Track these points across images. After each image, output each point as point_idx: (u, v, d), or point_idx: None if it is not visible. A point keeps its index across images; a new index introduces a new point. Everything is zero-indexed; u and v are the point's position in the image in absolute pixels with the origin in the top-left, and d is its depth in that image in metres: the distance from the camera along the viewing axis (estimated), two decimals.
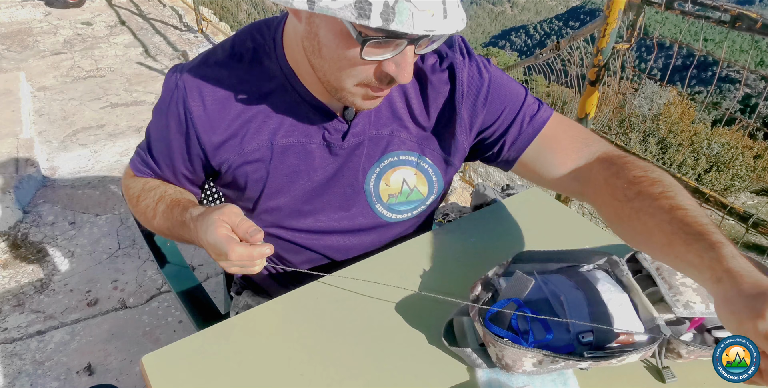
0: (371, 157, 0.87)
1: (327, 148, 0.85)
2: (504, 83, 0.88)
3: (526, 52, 55.31)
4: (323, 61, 0.70)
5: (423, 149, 0.89)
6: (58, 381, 1.70)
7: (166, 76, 0.83)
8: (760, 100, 8.94)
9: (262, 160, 0.84)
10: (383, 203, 0.91)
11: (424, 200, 0.93)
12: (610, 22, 1.65)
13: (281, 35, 0.79)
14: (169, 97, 0.81)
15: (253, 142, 0.83)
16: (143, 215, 0.88)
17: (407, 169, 0.89)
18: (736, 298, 0.54)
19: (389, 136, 0.87)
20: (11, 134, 2.90)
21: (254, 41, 0.81)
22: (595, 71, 1.75)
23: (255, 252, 0.70)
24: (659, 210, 0.67)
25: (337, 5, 0.58)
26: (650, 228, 0.68)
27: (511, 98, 0.87)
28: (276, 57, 0.80)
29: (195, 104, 0.80)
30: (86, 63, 4.03)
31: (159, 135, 0.86)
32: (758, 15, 1.32)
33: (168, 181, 0.92)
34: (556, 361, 0.66)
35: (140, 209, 0.89)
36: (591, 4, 60.74)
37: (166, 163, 0.88)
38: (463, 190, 3.26)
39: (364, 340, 0.76)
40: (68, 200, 2.56)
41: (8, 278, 2.10)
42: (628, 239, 0.74)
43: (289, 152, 0.84)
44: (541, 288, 0.76)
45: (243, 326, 0.78)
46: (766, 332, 0.52)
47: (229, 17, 5.49)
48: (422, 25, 0.59)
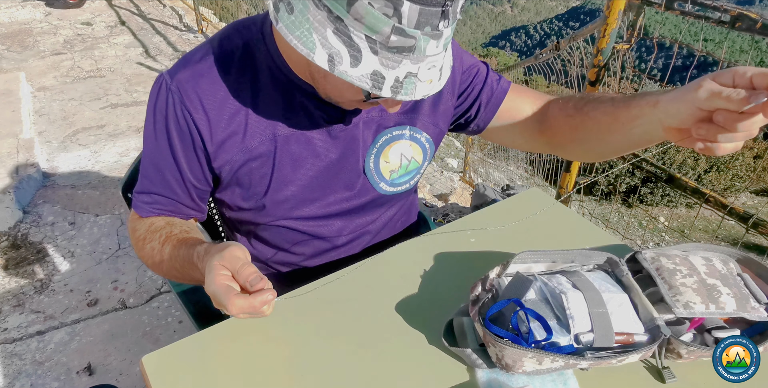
0: (366, 138, 0.89)
1: (327, 133, 0.86)
2: (471, 57, 0.97)
3: (526, 53, 55.30)
4: (326, 82, 0.74)
5: (412, 120, 0.92)
6: (58, 381, 1.70)
7: (153, 87, 0.81)
8: None
9: (267, 153, 0.84)
10: (386, 180, 0.94)
11: (420, 168, 0.98)
12: (610, 23, 1.65)
13: (270, 28, 0.79)
14: (165, 104, 0.80)
15: (256, 137, 0.82)
16: (150, 259, 0.85)
17: (402, 143, 0.92)
18: (675, 92, 0.65)
19: (379, 116, 0.89)
20: (11, 134, 2.90)
21: (242, 37, 0.81)
22: (595, 72, 1.75)
23: (257, 302, 0.65)
24: (601, 102, 0.82)
25: (356, 74, 0.63)
26: (599, 118, 0.82)
27: (478, 63, 0.96)
28: (266, 49, 0.80)
29: (193, 106, 0.79)
30: (86, 63, 4.04)
31: (159, 151, 0.83)
32: (758, 15, 1.32)
33: (179, 202, 0.88)
34: (556, 361, 0.66)
35: (146, 252, 0.85)
36: (591, 4, 60.74)
37: (175, 179, 0.85)
38: (463, 191, 3.26)
39: (364, 340, 0.76)
40: (68, 200, 2.56)
41: (8, 278, 2.10)
42: (591, 147, 0.88)
43: (291, 142, 0.84)
44: (541, 288, 0.76)
45: (243, 326, 0.78)
46: (709, 92, 0.59)
47: (229, 17, 5.49)
48: (422, 92, 0.67)
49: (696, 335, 0.75)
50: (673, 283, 0.75)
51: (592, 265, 0.83)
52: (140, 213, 0.89)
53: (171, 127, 0.81)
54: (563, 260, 0.82)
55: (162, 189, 0.86)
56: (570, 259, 0.82)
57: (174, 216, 0.90)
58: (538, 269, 0.82)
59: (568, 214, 1.05)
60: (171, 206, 0.88)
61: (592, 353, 0.69)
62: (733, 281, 0.77)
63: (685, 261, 0.79)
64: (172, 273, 0.83)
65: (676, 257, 0.80)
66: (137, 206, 0.89)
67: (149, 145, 0.84)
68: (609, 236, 0.97)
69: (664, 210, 8.10)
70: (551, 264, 0.82)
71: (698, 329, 0.75)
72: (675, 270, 0.77)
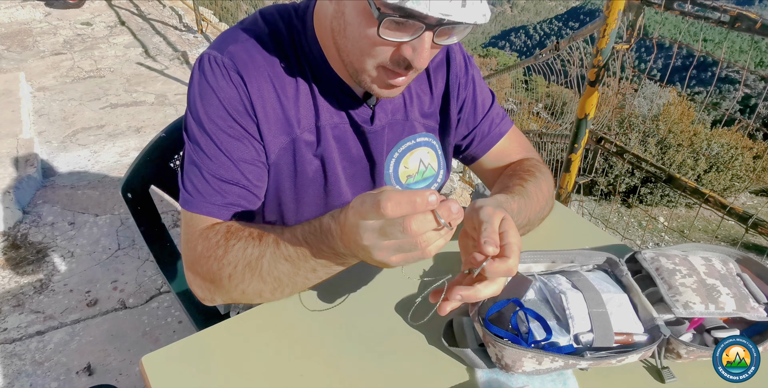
0: (390, 142, 0.89)
1: (358, 132, 0.85)
2: (482, 80, 0.98)
3: (526, 53, 55.33)
4: (347, 40, 0.70)
5: (431, 128, 0.93)
6: (58, 381, 1.70)
7: (197, 67, 0.76)
8: (760, 101, 8.96)
9: (311, 143, 0.82)
10: (402, 184, 0.94)
11: (436, 176, 0.97)
12: (609, 23, 1.65)
13: (311, 18, 0.79)
14: (216, 80, 0.74)
15: (302, 124, 0.80)
16: (243, 261, 0.69)
17: (423, 150, 0.93)
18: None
19: (403, 121, 0.89)
20: (11, 134, 2.90)
21: (285, 21, 0.79)
22: (594, 72, 1.75)
23: (418, 198, 0.51)
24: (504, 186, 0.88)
25: None
26: None
27: (486, 93, 0.97)
28: (306, 38, 0.79)
29: (248, 76, 0.74)
30: (86, 63, 4.03)
31: (222, 131, 0.74)
32: (758, 15, 1.32)
33: (250, 190, 0.78)
34: (556, 361, 0.66)
35: (232, 256, 0.69)
36: (591, 4, 60.77)
37: (247, 163, 0.75)
38: (463, 191, 3.25)
39: (364, 340, 0.76)
40: (68, 201, 2.56)
41: (8, 278, 2.10)
42: None
43: (329, 136, 0.83)
44: (540, 288, 0.76)
45: (243, 326, 0.78)
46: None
47: (229, 18, 5.49)
48: (438, 8, 0.60)
49: (695, 335, 0.75)
50: (672, 283, 0.75)
51: (592, 265, 0.83)
52: (215, 214, 0.75)
53: (232, 105, 0.74)
54: (563, 260, 0.82)
55: (231, 176, 0.76)
56: (569, 259, 0.82)
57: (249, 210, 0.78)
58: (537, 269, 0.82)
59: (568, 214, 1.05)
60: (243, 197, 0.77)
61: (592, 353, 0.69)
62: (733, 281, 0.78)
63: (684, 261, 0.79)
64: (280, 268, 0.68)
65: (675, 257, 0.80)
66: (209, 210, 0.75)
67: (205, 129, 0.75)
68: (608, 236, 0.97)
69: (663, 210, 8.10)
70: (551, 264, 0.82)
71: (698, 329, 0.75)
72: (674, 270, 0.77)
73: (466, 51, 0.95)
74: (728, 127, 8.32)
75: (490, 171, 1.00)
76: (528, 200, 0.83)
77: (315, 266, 0.67)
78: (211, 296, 0.76)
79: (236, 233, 0.71)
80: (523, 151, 1.00)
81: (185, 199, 0.76)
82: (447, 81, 0.91)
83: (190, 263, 0.75)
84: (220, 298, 0.75)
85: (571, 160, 1.97)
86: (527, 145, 1.02)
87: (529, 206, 0.84)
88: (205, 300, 0.77)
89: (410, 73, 0.72)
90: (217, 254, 0.71)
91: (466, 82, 0.93)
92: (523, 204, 0.82)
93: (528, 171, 0.92)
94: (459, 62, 0.92)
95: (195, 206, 0.75)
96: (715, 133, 8.45)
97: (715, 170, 8.06)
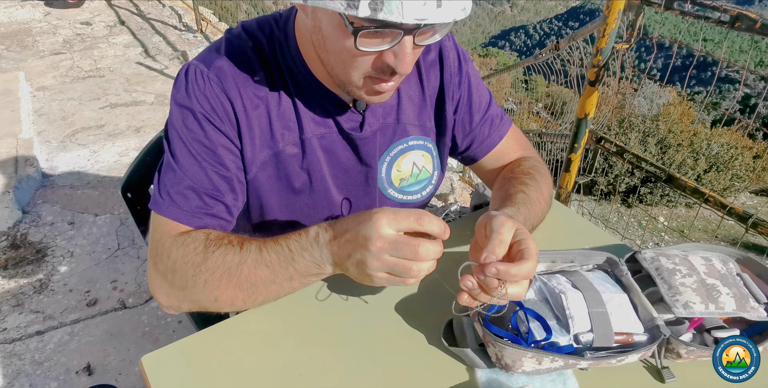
0: (382, 146, 0.89)
1: (347, 140, 0.85)
2: (478, 78, 0.96)
3: (526, 53, 55.34)
4: (328, 54, 0.70)
5: (425, 130, 0.92)
6: (58, 381, 1.70)
7: (182, 77, 0.77)
8: (760, 101, 8.97)
9: (295, 156, 0.82)
10: (395, 187, 0.94)
11: (431, 178, 0.97)
12: (609, 23, 1.65)
13: (293, 29, 0.79)
14: (199, 91, 0.75)
15: (285, 138, 0.81)
16: (221, 267, 0.69)
17: (416, 153, 0.92)
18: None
19: (395, 124, 0.89)
20: (11, 134, 2.90)
21: (265, 34, 0.80)
22: (594, 71, 1.75)
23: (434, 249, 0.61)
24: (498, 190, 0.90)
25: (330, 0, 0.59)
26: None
27: (482, 91, 0.96)
28: (289, 49, 0.79)
29: (233, 93, 0.75)
30: (85, 63, 4.03)
31: (198, 142, 0.75)
32: (758, 15, 1.32)
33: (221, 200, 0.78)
34: (556, 361, 0.66)
35: (211, 263, 0.70)
36: (590, 4, 60.77)
37: (221, 176, 0.76)
38: (463, 191, 3.25)
39: (363, 340, 0.76)
40: (67, 200, 2.56)
41: (7, 278, 2.10)
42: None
43: (315, 147, 0.83)
44: (540, 288, 0.76)
45: (243, 326, 0.78)
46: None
47: (229, 17, 5.49)
48: (412, 14, 0.58)
49: (695, 334, 0.75)
50: (672, 283, 0.75)
51: (592, 265, 0.83)
52: (187, 222, 0.75)
53: (212, 116, 0.76)
54: (563, 259, 0.82)
55: (204, 185, 0.76)
56: (569, 259, 0.82)
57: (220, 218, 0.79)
58: (537, 268, 0.82)
59: (568, 214, 1.05)
60: (216, 207, 0.78)
61: (592, 352, 0.69)
62: (733, 280, 0.77)
63: (684, 261, 0.79)
64: (259, 274, 0.69)
65: (675, 257, 0.80)
66: (177, 215, 0.75)
67: (182, 138, 0.76)
68: (608, 236, 0.97)
69: (663, 210, 8.11)
70: (551, 264, 0.82)
71: (698, 328, 0.75)
72: (674, 270, 0.77)
73: (460, 46, 0.93)
74: (728, 127, 8.32)
75: (490, 171, 1.00)
76: (532, 207, 0.84)
77: (293, 273, 0.69)
78: (178, 304, 0.75)
79: (216, 240, 0.72)
80: (522, 149, 1.00)
81: (155, 200, 0.77)
82: (441, 80, 0.90)
83: (162, 270, 0.74)
84: (187, 305, 0.75)
85: (570, 160, 1.97)
86: (525, 142, 1.02)
87: (533, 213, 0.84)
88: (170, 308, 0.76)
89: (396, 78, 0.71)
90: (195, 260, 0.71)
91: (460, 81, 0.92)
92: (528, 213, 0.82)
93: (527, 173, 0.92)
94: (452, 61, 0.90)
95: (164, 210, 0.76)
96: (715, 133, 8.46)
97: (715, 170, 8.07)
